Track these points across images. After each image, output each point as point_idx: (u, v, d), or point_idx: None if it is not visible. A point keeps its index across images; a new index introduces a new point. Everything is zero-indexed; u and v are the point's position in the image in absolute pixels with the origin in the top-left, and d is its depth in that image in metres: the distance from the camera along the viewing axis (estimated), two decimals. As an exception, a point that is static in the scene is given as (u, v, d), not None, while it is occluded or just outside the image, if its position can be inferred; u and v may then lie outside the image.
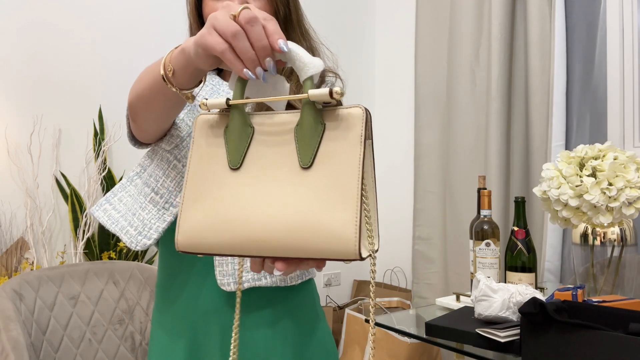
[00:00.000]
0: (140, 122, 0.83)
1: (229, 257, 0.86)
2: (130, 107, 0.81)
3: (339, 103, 0.56)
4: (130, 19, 1.94)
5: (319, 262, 0.54)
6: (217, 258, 0.86)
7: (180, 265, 0.90)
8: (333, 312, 2.39)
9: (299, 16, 0.93)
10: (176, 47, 0.67)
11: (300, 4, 0.95)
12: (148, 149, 0.93)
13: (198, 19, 0.95)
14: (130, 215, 0.88)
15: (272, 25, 0.55)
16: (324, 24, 0.99)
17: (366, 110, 0.54)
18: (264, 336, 0.86)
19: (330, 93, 0.52)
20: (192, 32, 0.96)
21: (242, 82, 0.58)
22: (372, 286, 0.51)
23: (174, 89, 0.67)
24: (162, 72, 0.67)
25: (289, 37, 0.90)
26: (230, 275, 0.85)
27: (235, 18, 0.55)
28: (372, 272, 0.52)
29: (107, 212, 0.91)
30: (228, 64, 0.56)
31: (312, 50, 0.96)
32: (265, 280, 0.86)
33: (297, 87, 0.85)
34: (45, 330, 1.41)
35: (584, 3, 1.87)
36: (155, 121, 0.82)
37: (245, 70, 0.55)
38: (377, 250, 0.54)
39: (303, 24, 0.95)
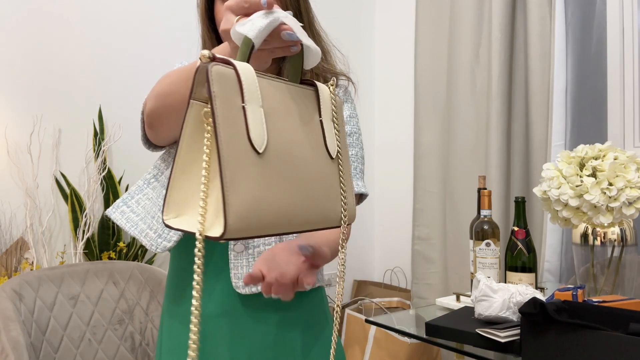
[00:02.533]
0: (163, 130, 0.82)
1: (244, 260, 0.86)
2: (152, 115, 0.79)
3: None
4: (131, 18, 1.94)
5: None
6: (232, 260, 0.86)
7: (192, 266, 0.90)
8: (333, 312, 2.39)
9: (309, 18, 0.93)
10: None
11: (311, 6, 0.95)
12: (164, 151, 0.93)
13: (209, 23, 0.94)
14: (150, 218, 0.88)
15: None
16: (323, 24, 0.99)
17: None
18: (274, 340, 0.86)
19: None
20: (204, 39, 0.96)
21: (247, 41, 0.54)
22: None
23: None
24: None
25: None
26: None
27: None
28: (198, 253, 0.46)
29: (124, 214, 0.90)
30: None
31: (324, 52, 0.95)
32: None
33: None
34: (45, 330, 1.41)
35: (584, 3, 1.87)
36: (179, 128, 0.81)
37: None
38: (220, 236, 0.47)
39: (314, 26, 0.94)
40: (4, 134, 1.67)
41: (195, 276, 0.45)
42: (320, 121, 0.58)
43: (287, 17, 0.57)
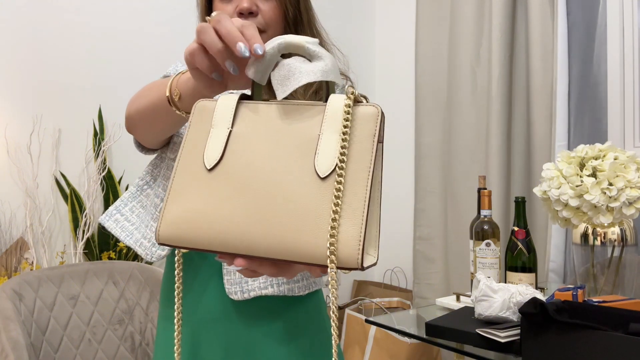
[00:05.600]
0: (139, 135, 0.84)
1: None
2: (129, 120, 0.81)
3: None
4: (131, 19, 1.94)
5: (315, 268, 0.50)
6: (224, 266, 0.85)
7: (185, 270, 0.89)
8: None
9: (309, 17, 0.92)
10: (183, 72, 0.66)
11: (312, 5, 0.95)
12: (156, 156, 0.93)
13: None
14: (144, 227, 0.88)
15: (251, 31, 0.54)
16: (323, 24, 0.99)
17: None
18: (269, 347, 0.85)
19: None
20: None
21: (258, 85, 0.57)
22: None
23: (180, 113, 0.67)
24: (167, 94, 0.67)
25: None
26: (237, 283, 0.84)
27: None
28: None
29: (119, 223, 0.90)
30: (198, 64, 0.55)
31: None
32: (272, 289, 0.84)
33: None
34: (45, 330, 1.41)
35: (585, 3, 1.87)
36: (154, 136, 0.83)
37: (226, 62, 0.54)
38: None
39: (314, 26, 0.94)
40: (4, 134, 1.67)
41: (176, 282, 0.58)
42: (318, 136, 0.52)
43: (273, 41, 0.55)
